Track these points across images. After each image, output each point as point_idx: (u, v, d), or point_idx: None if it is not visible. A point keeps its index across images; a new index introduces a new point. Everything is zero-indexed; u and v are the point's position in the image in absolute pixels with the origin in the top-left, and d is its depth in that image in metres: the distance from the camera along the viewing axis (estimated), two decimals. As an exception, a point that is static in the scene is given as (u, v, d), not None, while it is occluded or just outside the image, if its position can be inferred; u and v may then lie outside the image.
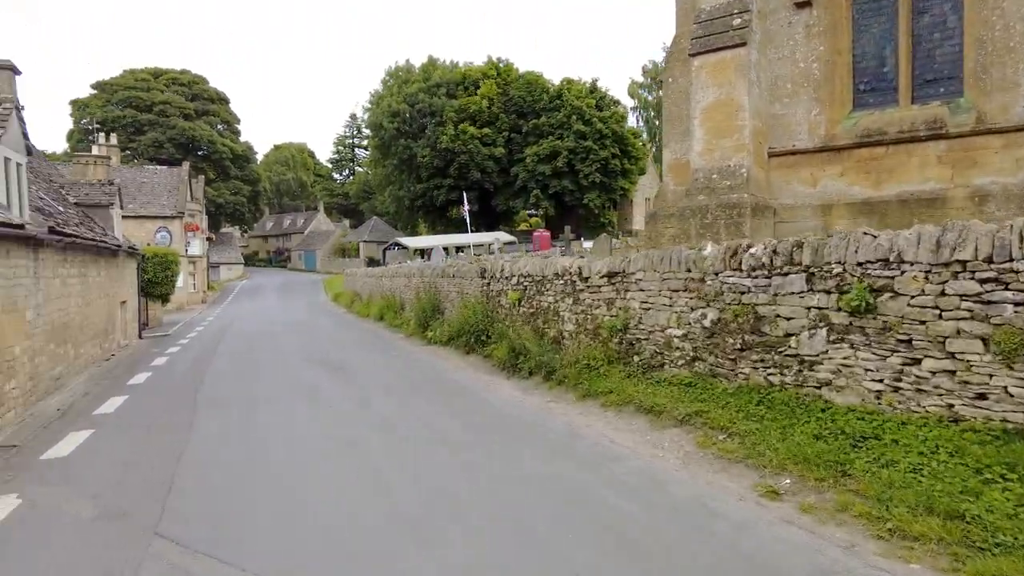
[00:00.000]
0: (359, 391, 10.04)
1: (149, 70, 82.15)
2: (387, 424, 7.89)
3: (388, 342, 16.86)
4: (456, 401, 9.09)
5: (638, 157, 60.44)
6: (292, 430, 7.65)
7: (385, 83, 66.64)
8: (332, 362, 13.30)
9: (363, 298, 29.63)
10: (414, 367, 12.32)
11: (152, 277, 24.71)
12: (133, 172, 38.87)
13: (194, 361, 14.03)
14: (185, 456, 6.52)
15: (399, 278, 22.47)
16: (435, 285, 17.23)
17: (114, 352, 15.86)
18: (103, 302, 14.90)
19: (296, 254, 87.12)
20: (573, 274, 10.16)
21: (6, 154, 8.77)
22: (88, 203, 16.80)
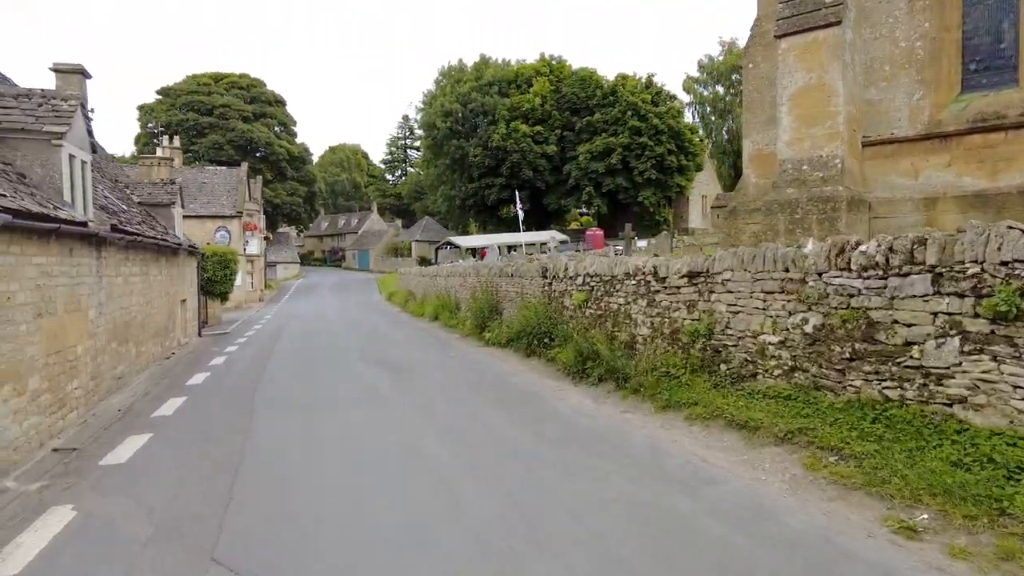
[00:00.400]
0: (420, 394, 9.58)
1: (210, 74, 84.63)
2: (453, 432, 7.38)
3: (445, 342, 16.44)
4: (523, 408, 8.52)
5: (695, 153, 58.81)
6: (353, 437, 7.21)
7: (438, 83, 66.81)
8: (390, 362, 12.93)
9: (417, 297, 29.44)
10: (474, 369, 11.81)
11: (212, 276, 25.01)
12: (194, 172, 39.79)
13: (252, 360, 13.88)
14: (243, 466, 6.14)
15: (454, 277, 22.09)
16: (493, 285, 16.73)
17: (174, 350, 15.91)
18: (164, 300, 14.93)
19: (350, 253, 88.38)
20: (647, 274, 9.46)
21: (71, 151, 8.62)
22: (151, 202, 16.94)
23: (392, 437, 7.18)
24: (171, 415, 8.55)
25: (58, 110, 8.53)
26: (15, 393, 6.41)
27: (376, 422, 7.84)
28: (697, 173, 62.34)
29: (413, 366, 12.35)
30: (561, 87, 60.76)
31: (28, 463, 6.49)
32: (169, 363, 13.96)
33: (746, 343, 7.63)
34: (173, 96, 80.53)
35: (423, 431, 7.43)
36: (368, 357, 13.76)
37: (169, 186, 17.64)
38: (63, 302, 7.80)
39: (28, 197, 7.08)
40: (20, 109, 8.35)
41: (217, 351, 16.02)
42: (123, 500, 5.25)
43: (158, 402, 9.46)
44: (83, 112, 9.13)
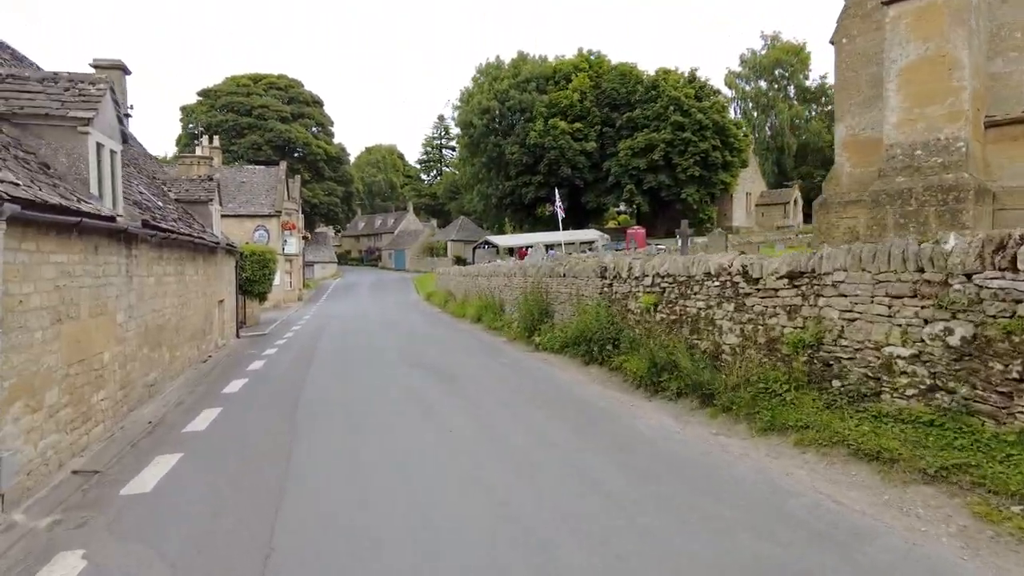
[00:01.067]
0: (475, 407, 8.60)
1: (250, 76, 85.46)
2: (521, 457, 6.37)
3: (491, 346, 15.47)
4: (596, 427, 7.47)
5: (740, 149, 56.85)
6: (407, 461, 6.24)
7: (475, 80, 66.07)
8: (437, 369, 12.00)
9: (457, 298, 28.59)
10: (529, 378, 10.79)
11: (250, 275, 24.51)
12: (233, 172, 39.65)
13: (291, 365, 13.10)
14: (285, 503, 5.22)
15: (497, 277, 21.12)
16: (543, 286, 15.69)
17: (211, 353, 15.26)
18: (200, 301, 14.27)
19: (386, 253, 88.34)
20: (735, 274, 8.32)
21: (98, 139, 7.87)
22: (188, 199, 16.36)
23: (452, 464, 6.20)
24: (204, 430, 7.72)
25: (85, 94, 7.78)
26: (29, 410, 5.62)
27: (432, 443, 6.86)
28: (742, 170, 60.33)
29: (463, 374, 11.39)
30: (600, 83, 59.39)
31: (43, 489, 5.68)
32: (205, 367, 13.27)
33: (866, 356, 6.45)
34: (213, 97, 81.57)
35: (486, 457, 6.43)
36: (415, 362, 12.85)
37: (207, 183, 17.04)
38: (87, 305, 7.02)
39: (48, 187, 6.29)
40: (45, 94, 7.62)
41: (255, 354, 15.32)
42: (141, 548, 4.35)
43: (191, 414, 8.66)
44: (113, 98, 8.37)
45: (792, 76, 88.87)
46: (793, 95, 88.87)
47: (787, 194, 70.30)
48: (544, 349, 13.91)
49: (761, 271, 7.86)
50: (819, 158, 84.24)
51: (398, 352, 14.58)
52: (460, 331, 19.39)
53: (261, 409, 8.87)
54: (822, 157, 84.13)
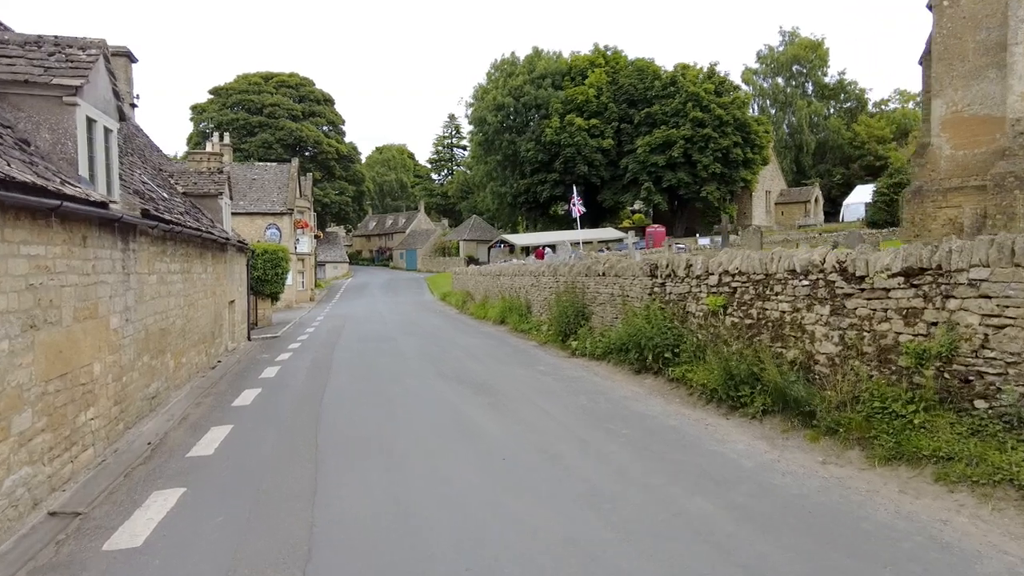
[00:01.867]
0: (525, 428, 7.40)
1: (261, 74, 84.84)
2: (598, 495, 5.18)
3: (523, 351, 14.29)
4: (676, 454, 6.26)
5: (761, 146, 55.34)
6: (463, 505, 5.04)
7: (490, 76, 64.94)
8: (471, 379, 10.82)
9: (476, 298, 27.44)
10: (577, 390, 9.59)
11: (262, 275, 23.47)
12: (244, 169, 38.69)
13: (309, 373, 11.97)
14: (313, 563, 4.05)
15: (523, 277, 19.93)
16: (579, 286, 14.50)
17: (220, 358, 14.17)
18: (209, 302, 13.19)
19: (397, 253, 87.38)
20: (829, 271, 7.10)
21: (89, 113, 6.75)
22: (196, 193, 15.28)
23: (518, 507, 5.00)
24: (212, 455, 6.58)
25: (74, 60, 6.65)
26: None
27: (487, 481, 5.64)
28: (761, 168, 58.85)
29: (502, 386, 10.21)
30: (617, 78, 58.08)
31: (9, 539, 4.55)
32: (215, 375, 12.16)
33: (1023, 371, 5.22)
34: (224, 96, 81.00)
35: (556, 495, 5.24)
36: (444, 371, 11.68)
37: (216, 175, 15.97)
38: (72, 307, 5.89)
39: (22, 164, 5.17)
40: (26, 59, 6.50)
41: (268, 359, 14.21)
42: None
43: (197, 432, 7.53)
44: (108, 67, 7.25)
45: (810, 72, 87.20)
46: (811, 92, 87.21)
47: (807, 192, 68.69)
48: (583, 355, 12.73)
49: (867, 268, 6.63)
50: (838, 156, 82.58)
51: (424, 359, 13.42)
52: (485, 334, 18.21)
53: (277, 429, 7.71)
54: (841, 155, 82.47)
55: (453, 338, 17.39)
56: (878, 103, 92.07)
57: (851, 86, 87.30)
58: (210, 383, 11.20)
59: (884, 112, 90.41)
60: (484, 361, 12.89)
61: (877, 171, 77.63)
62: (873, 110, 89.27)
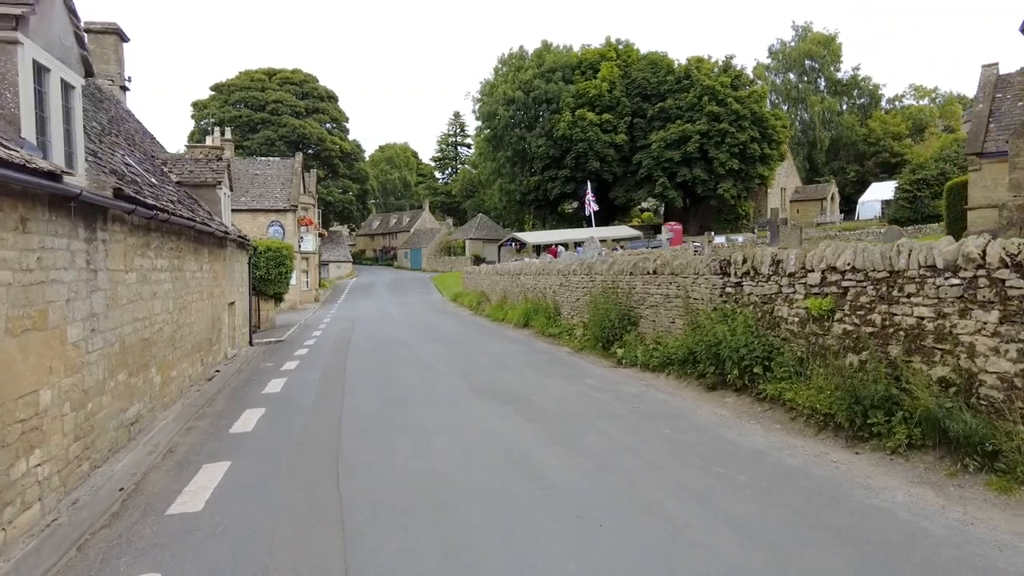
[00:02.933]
0: (607, 470, 5.70)
1: (263, 70, 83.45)
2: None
3: (559, 360, 12.65)
4: (830, 517, 4.58)
5: (779, 141, 53.59)
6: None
7: (497, 71, 63.33)
8: (512, 395, 9.19)
9: (491, 299, 25.80)
10: (648, 413, 7.93)
11: (264, 274, 21.85)
12: (246, 164, 37.08)
13: (320, 389, 10.34)
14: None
15: (549, 276, 18.28)
16: (621, 286, 12.86)
17: (219, 368, 12.56)
18: (206, 305, 11.57)
19: (402, 252, 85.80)
20: (994, 267, 5.45)
21: (38, 57, 5.12)
22: (192, 182, 13.67)
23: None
24: (203, 511, 4.94)
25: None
26: None
27: (589, 567, 3.99)
28: (780, 163, 57.15)
29: (549, 403, 8.58)
30: (629, 72, 56.40)
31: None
32: (211, 388, 10.55)
33: None
34: (226, 92, 79.58)
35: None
36: (478, 385, 10.04)
37: (215, 163, 14.35)
38: (3, 316, 4.26)
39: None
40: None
41: (273, 368, 12.60)
42: None
43: (185, 473, 5.91)
44: (68, 4, 5.61)
45: (823, 68, 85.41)
46: (824, 87, 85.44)
47: (823, 189, 66.94)
48: (632, 365, 11.09)
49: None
50: (852, 153, 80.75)
51: (450, 369, 11.79)
52: (510, 339, 16.57)
53: (286, 470, 6.05)
54: (855, 152, 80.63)
55: (477, 343, 15.75)
56: (892, 99, 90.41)
57: (864, 82, 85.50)
58: (205, 400, 9.57)
59: (897, 109, 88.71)
60: (520, 372, 11.25)
61: (892, 168, 75.84)
62: (887, 106, 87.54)
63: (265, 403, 9.12)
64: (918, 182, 48.68)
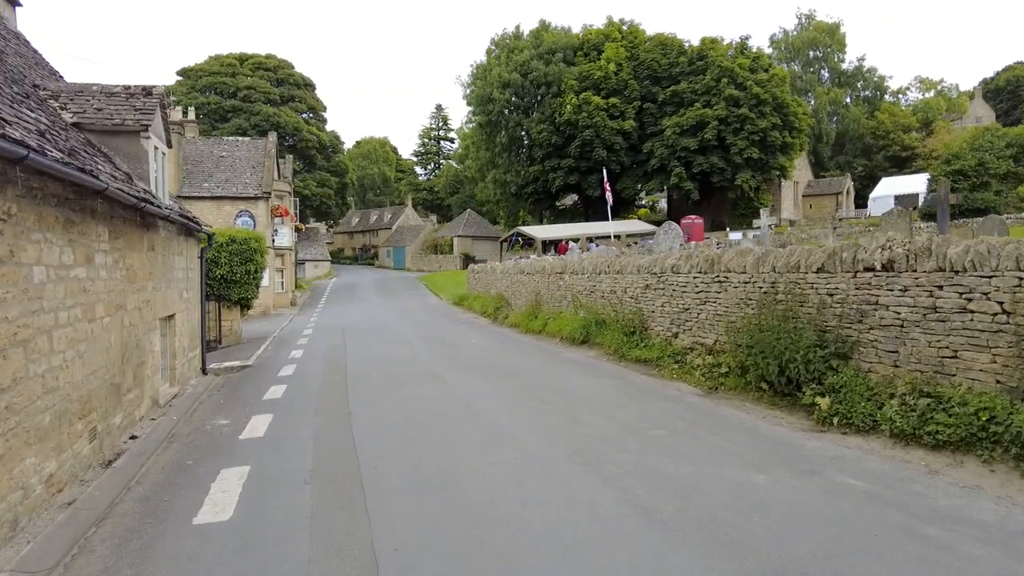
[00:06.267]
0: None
1: (235, 55, 77.54)
2: None
3: (711, 413, 7.71)
4: None
5: (800, 129, 49.25)
6: None
7: (490, 53, 58.22)
8: (726, 528, 4.24)
9: (514, 304, 20.81)
10: None
11: (227, 273, 16.63)
12: (210, 144, 31.59)
13: (315, 501, 5.28)
14: None
15: (622, 276, 13.35)
16: (794, 293, 8.01)
17: (136, 434, 7.44)
18: (112, 322, 6.50)
19: (383, 251, 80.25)
20: None
21: None
22: (99, 126, 8.52)
23: None
24: None
25: None
26: None
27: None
28: (800, 153, 52.91)
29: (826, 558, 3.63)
30: (637, 53, 51.68)
31: None
32: (105, 490, 5.45)
33: None
34: (194, 78, 73.59)
35: None
36: (633, 495, 5.01)
37: (141, 99, 9.17)
38: None
39: None
40: None
41: (229, 430, 7.50)
42: None
43: None
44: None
45: (827, 58, 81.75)
46: (827, 78, 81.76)
47: (838, 183, 63.08)
48: (857, 428, 6.25)
49: None
50: (859, 146, 77.06)
51: (542, 439, 6.73)
52: (580, 365, 11.59)
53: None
54: (862, 145, 76.97)
55: (537, 373, 10.71)
56: (896, 92, 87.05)
57: (870, 73, 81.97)
58: (95, 515, 4.49)
59: (902, 102, 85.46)
60: (672, 447, 6.22)
61: (903, 162, 72.36)
62: (890, 99, 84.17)
63: (204, 540, 4.07)
64: (954, 173, 44.88)
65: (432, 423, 7.47)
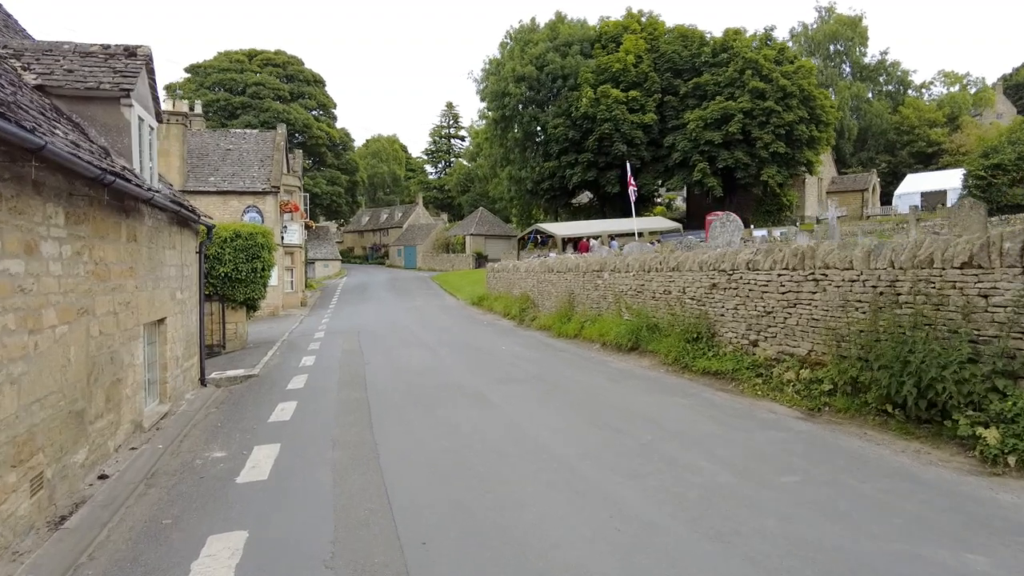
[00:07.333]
0: None
1: (244, 51, 76.38)
2: None
3: (859, 457, 6.08)
4: None
5: (828, 122, 47.29)
6: None
7: (504, 47, 56.58)
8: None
9: (541, 305, 19.19)
10: None
11: (231, 271, 15.10)
12: (216, 136, 30.13)
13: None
14: None
15: (679, 274, 11.68)
16: (945, 292, 6.36)
17: (105, 472, 5.89)
18: (72, 331, 4.99)
19: (394, 250, 78.79)
20: None
21: None
22: (69, 90, 6.99)
23: None
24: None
25: None
26: None
27: None
28: (828, 148, 50.91)
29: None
30: (657, 45, 49.89)
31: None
32: (51, 558, 3.89)
33: None
34: (202, 74, 72.43)
35: None
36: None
37: (122, 60, 7.63)
38: None
39: None
40: None
41: (225, 467, 5.93)
42: None
43: None
44: None
45: (849, 52, 79.57)
46: (849, 73, 79.55)
47: (864, 179, 60.92)
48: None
49: None
50: (882, 142, 74.83)
51: (666, 513, 5.15)
52: (646, 380, 9.95)
53: None
54: (885, 141, 74.71)
55: (598, 391, 9.06)
56: (919, 86, 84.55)
57: (893, 67, 79.69)
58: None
59: (922, 96, 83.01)
60: (843, 518, 4.55)
61: (929, 158, 70.11)
62: (913, 94, 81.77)
63: None
64: (992, 168, 42.87)
65: (485, 465, 5.85)
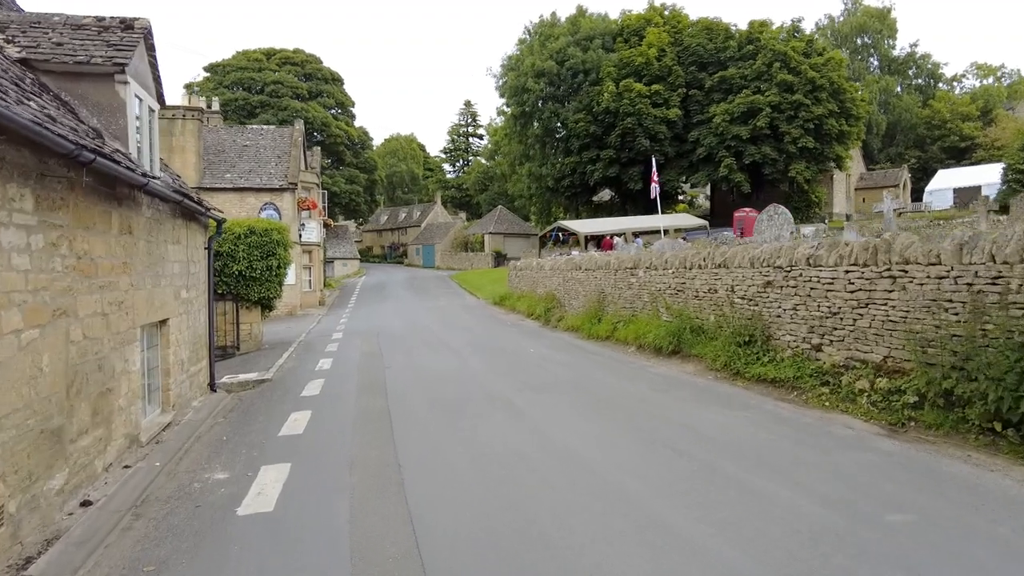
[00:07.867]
0: None
1: (262, 50, 76.29)
2: None
3: (944, 476, 5.16)
4: None
5: (858, 116, 45.78)
6: None
7: (522, 43, 55.67)
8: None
9: (567, 305, 18.30)
10: None
11: (245, 269, 14.39)
12: (233, 132, 29.60)
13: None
14: None
15: (726, 271, 10.71)
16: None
17: (91, 496, 5.11)
18: (44, 335, 4.25)
19: (412, 249, 78.21)
20: None
21: None
22: (58, 65, 6.27)
23: None
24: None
25: None
26: None
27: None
28: (858, 142, 49.38)
29: None
30: (681, 38, 48.72)
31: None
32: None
33: None
34: (221, 73, 72.35)
35: None
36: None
37: (118, 32, 6.88)
38: None
39: None
40: None
41: (226, 494, 5.15)
42: None
43: None
44: None
45: (877, 44, 77.61)
46: (876, 66, 77.57)
47: (894, 175, 59.20)
48: None
49: None
50: (910, 137, 72.77)
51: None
52: (695, 389, 9.03)
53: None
54: (914, 136, 72.63)
55: (643, 400, 8.18)
56: (950, 80, 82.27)
57: (923, 60, 77.54)
58: None
59: (953, 90, 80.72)
60: None
61: (961, 153, 67.94)
62: (944, 87, 79.54)
63: None
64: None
65: (528, 497, 4.98)
